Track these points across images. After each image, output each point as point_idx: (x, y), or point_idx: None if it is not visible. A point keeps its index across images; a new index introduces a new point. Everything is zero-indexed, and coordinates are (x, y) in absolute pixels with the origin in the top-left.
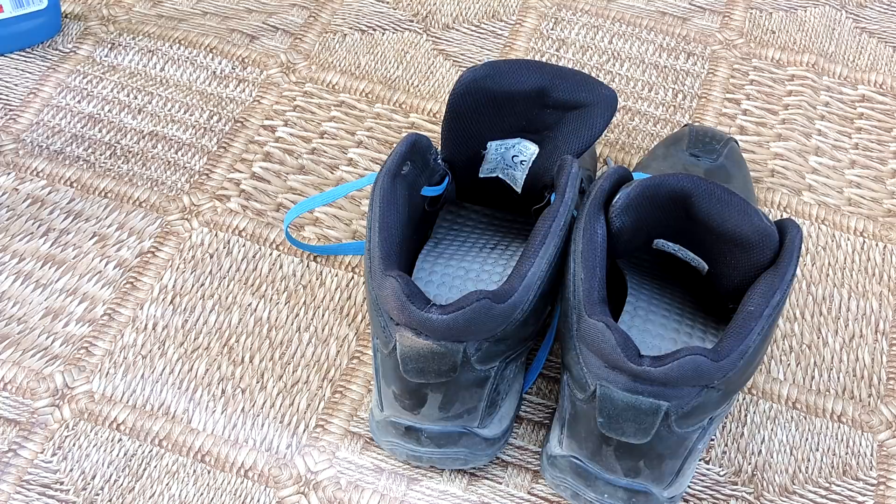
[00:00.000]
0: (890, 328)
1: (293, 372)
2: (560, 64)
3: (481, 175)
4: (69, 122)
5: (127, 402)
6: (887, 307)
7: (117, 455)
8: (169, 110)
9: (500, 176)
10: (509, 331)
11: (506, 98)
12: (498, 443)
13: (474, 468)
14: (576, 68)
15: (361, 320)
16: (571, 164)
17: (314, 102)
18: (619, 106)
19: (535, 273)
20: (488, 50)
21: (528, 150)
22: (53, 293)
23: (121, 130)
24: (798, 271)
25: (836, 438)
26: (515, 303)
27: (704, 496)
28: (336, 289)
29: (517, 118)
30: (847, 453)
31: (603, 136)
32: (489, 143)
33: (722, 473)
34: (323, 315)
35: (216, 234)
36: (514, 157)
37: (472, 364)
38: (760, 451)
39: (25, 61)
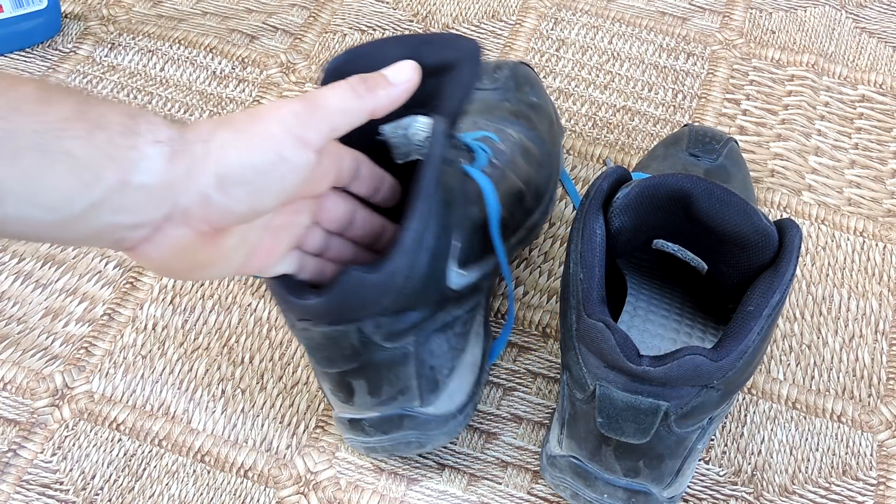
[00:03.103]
0: (890, 328)
1: (293, 372)
2: (559, 64)
3: (399, 161)
4: None
5: (127, 402)
6: (887, 307)
7: (117, 455)
8: (169, 110)
9: (419, 157)
10: (405, 301)
11: None
12: (454, 419)
13: (475, 470)
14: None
15: None
16: (436, 123)
17: None
18: (619, 106)
19: (410, 236)
20: (488, 50)
21: (423, 124)
22: (53, 293)
23: None
24: (798, 271)
25: (836, 438)
26: (393, 270)
27: (704, 496)
28: None
29: None
30: (847, 453)
31: (603, 136)
32: (381, 128)
33: (722, 473)
34: None
35: None
36: (414, 136)
37: (378, 344)
38: (760, 451)
39: (25, 61)
